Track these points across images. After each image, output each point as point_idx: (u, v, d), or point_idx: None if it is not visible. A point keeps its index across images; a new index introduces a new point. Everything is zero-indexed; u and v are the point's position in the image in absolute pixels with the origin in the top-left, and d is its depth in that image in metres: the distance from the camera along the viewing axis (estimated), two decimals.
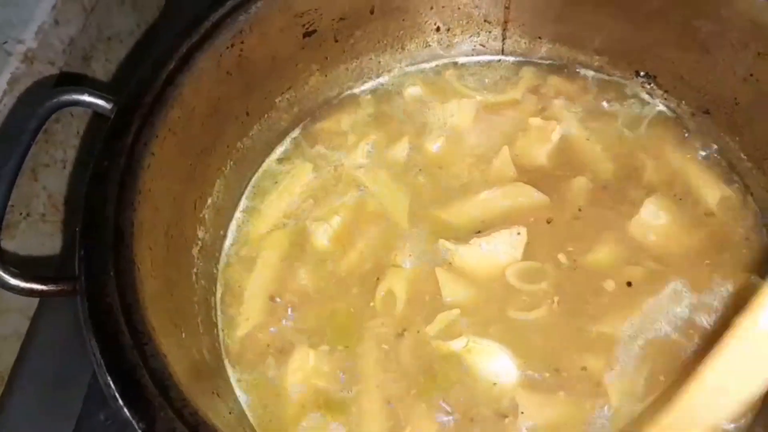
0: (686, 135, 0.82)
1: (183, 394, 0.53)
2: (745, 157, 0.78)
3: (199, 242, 0.75)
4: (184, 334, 0.65)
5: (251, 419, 0.68)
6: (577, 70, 0.88)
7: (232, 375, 0.71)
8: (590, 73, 0.88)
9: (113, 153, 0.63)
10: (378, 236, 0.77)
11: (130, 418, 0.51)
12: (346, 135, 0.85)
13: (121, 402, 0.52)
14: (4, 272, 0.60)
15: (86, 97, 0.69)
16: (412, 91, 0.89)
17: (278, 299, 0.75)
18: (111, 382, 0.52)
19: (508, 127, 0.84)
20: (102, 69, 0.96)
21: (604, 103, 0.85)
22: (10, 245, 0.82)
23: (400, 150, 0.83)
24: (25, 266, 0.61)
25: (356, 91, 0.89)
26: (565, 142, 0.82)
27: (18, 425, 0.79)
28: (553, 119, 0.83)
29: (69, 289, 0.59)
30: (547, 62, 0.89)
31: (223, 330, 0.74)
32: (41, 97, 0.68)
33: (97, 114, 0.90)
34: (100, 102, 0.68)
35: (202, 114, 0.72)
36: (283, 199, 0.81)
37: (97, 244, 0.59)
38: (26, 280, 0.60)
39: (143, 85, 0.67)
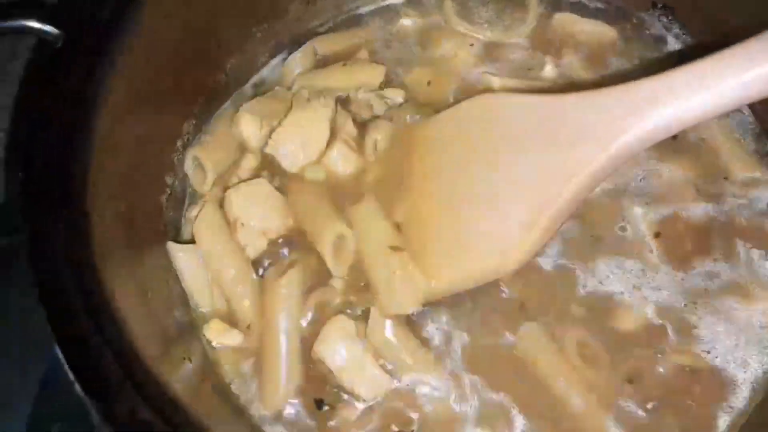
0: None
1: (147, 368, 0.45)
2: None
3: (168, 190, 0.66)
4: (149, 294, 0.57)
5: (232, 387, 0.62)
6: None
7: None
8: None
9: (60, 88, 0.53)
10: None
11: (85, 398, 0.43)
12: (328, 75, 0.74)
13: (73, 378, 0.44)
14: None
15: (34, 23, 0.58)
16: (406, 23, 0.78)
17: None
18: (61, 355, 0.44)
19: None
20: None
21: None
22: None
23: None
24: None
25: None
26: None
27: None
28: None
29: (15, 244, 0.51)
30: None
31: None
32: None
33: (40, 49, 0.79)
34: (48, 28, 0.58)
35: (168, 44, 0.63)
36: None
37: (43, 193, 0.50)
38: None
39: (97, 6, 0.57)
